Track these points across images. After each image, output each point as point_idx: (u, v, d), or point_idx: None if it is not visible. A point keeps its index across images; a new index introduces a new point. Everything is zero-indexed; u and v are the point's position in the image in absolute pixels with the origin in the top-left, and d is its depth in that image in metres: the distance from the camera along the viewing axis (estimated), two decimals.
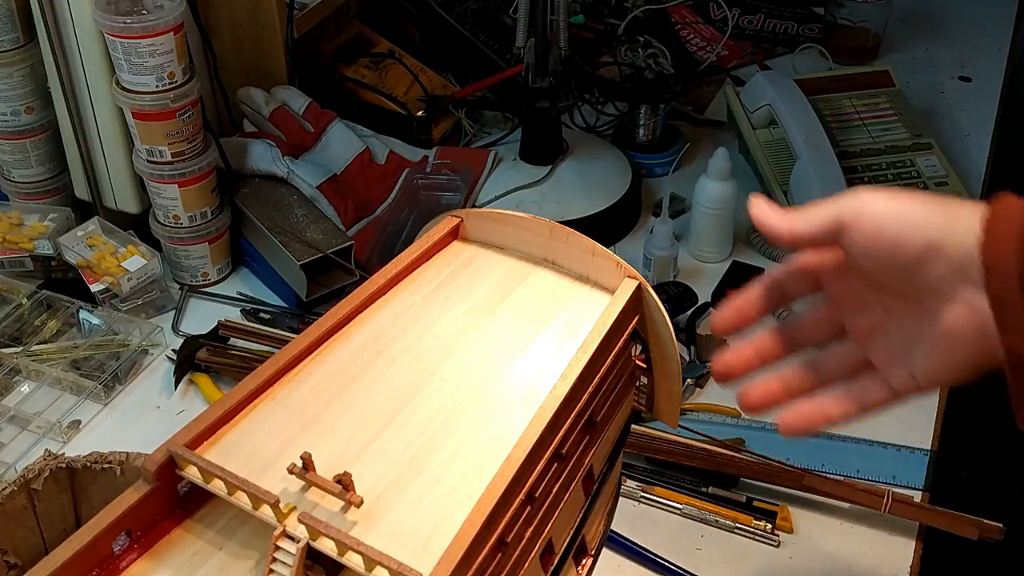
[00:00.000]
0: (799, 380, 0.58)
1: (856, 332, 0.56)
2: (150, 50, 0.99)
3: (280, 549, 0.44)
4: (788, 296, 0.58)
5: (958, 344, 0.50)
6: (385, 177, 1.24)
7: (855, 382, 0.57)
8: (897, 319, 0.54)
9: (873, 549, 0.84)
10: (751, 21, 1.63)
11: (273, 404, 0.51)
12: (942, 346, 0.51)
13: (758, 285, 0.58)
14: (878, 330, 0.55)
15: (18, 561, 0.70)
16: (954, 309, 0.49)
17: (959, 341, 0.50)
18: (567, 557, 0.56)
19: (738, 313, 0.59)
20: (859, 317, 0.56)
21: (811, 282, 0.57)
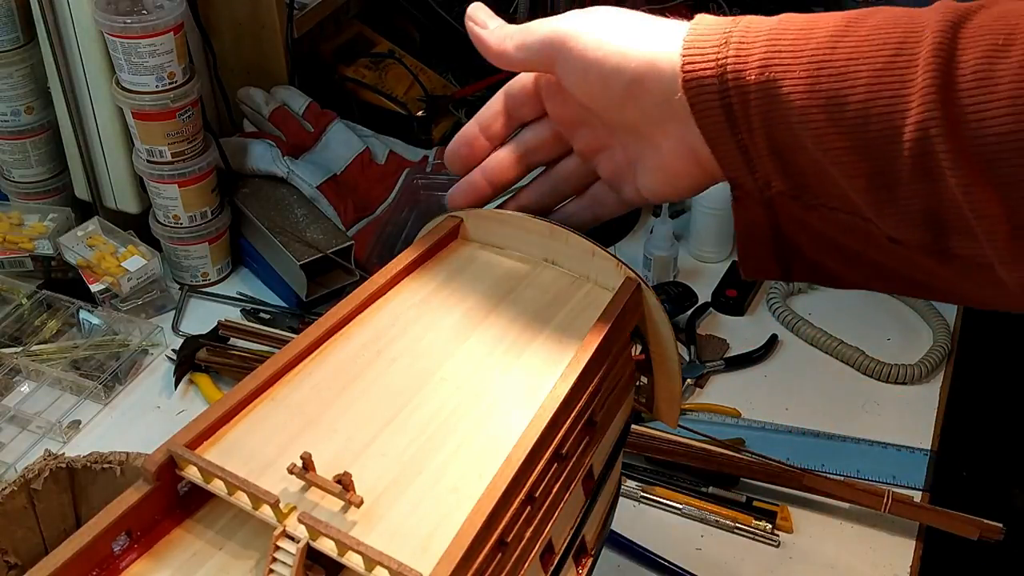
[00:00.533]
0: (535, 198, 0.59)
1: (582, 151, 0.57)
2: (150, 50, 1.00)
3: (280, 549, 0.44)
4: (515, 120, 0.58)
5: (676, 173, 0.51)
6: (385, 177, 1.24)
7: (589, 193, 0.59)
8: (620, 140, 0.54)
9: (873, 549, 0.84)
10: None
11: (273, 404, 0.51)
12: (662, 173, 0.52)
13: (483, 114, 0.58)
14: (602, 149, 0.55)
15: (18, 561, 0.70)
16: (667, 143, 0.50)
17: (678, 171, 0.51)
18: (567, 557, 0.56)
19: (467, 146, 0.59)
20: (583, 137, 0.56)
21: (536, 104, 0.57)
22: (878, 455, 0.92)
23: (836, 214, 0.46)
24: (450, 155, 0.60)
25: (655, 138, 0.50)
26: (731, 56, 0.45)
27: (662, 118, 0.49)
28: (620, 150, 0.54)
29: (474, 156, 0.59)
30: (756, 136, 0.45)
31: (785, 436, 0.95)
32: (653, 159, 0.52)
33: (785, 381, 1.02)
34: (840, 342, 1.04)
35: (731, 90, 0.45)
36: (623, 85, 0.49)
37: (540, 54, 0.52)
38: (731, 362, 1.03)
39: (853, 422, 0.96)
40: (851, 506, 0.87)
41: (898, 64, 0.41)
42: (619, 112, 0.51)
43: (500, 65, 0.55)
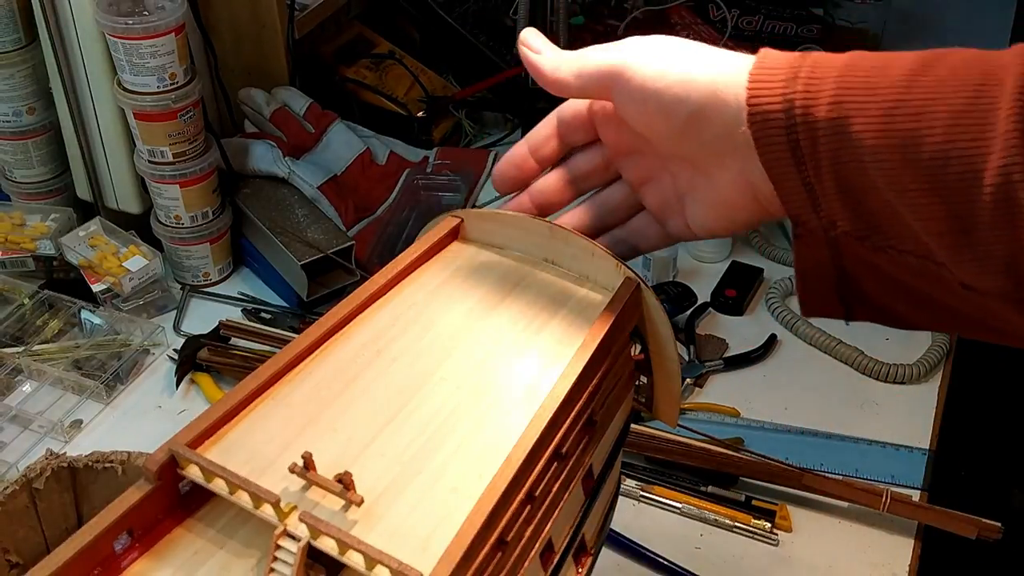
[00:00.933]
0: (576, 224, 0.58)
1: (631, 179, 0.56)
2: (151, 51, 1.00)
3: (281, 548, 0.44)
4: (567, 144, 0.57)
5: (732, 207, 0.50)
6: (386, 177, 1.24)
7: (629, 225, 0.57)
8: (672, 171, 0.53)
9: (872, 548, 0.84)
10: (750, 22, 1.63)
11: (274, 404, 0.51)
12: (716, 207, 0.51)
13: (533, 136, 0.57)
14: (652, 180, 0.55)
15: (20, 560, 0.70)
16: (725, 176, 0.49)
17: (733, 205, 0.50)
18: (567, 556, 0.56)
19: (516, 168, 0.57)
20: (634, 165, 0.55)
21: (588, 130, 0.56)
22: (877, 454, 0.92)
23: (906, 257, 0.44)
24: (498, 175, 0.58)
25: (711, 171, 0.50)
26: (800, 91, 0.44)
27: (721, 151, 0.48)
28: (670, 182, 0.54)
29: (522, 178, 0.58)
30: (823, 174, 0.44)
31: (784, 435, 0.95)
32: (707, 193, 0.51)
33: (784, 381, 1.02)
34: (839, 342, 1.04)
35: (799, 126, 0.44)
36: (684, 116, 0.48)
37: (598, 82, 0.51)
38: (730, 362, 1.03)
39: (852, 422, 0.96)
40: (850, 505, 0.87)
41: (979, 106, 0.40)
42: (677, 143, 0.50)
43: (555, 92, 0.54)
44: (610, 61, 0.50)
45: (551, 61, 0.53)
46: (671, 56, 0.49)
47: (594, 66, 0.51)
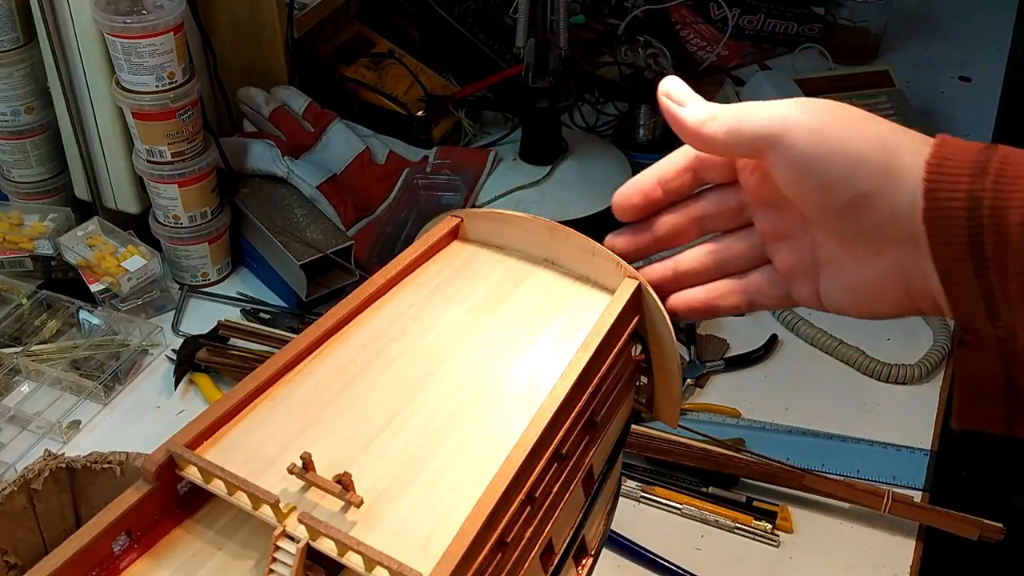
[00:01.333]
0: (695, 265, 0.55)
1: (764, 232, 0.52)
2: (150, 50, 0.99)
3: (280, 549, 0.44)
4: (701, 181, 0.53)
5: (877, 296, 0.47)
6: (385, 177, 1.24)
7: (750, 277, 0.53)
8: (814, 238, 0.49)
9: (873, 549, 0.84)
10: (751, 21, 1.63)
11: (273, 404, 0.51)
12: (858, 291, 0.47)
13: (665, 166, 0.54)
14: (789, 239, 0.51)
15: (18, 561, 0.70)
16: (879, 264, 0.46)
17: (879, 295, 0.47)
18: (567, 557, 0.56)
19: (643, 196, 0.54)
20: (771, 219, 0.51)
21: (728, 171, 0.52)
22: (878, 455, 0.92)
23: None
24: (621, 201, 0.55)
25: (863, 254, 0.46)
26: (989, 188, 0.40)
27: (881, 238, 0.45)
28: (810, 248, 0.50)
29: (647, 207, 0.54)
30: (1011, 282, 0.40)
31: (785, 436, 0.95)
32: (852, 274, 0.47)
33: (785, 381, 1.02)
34: (840, 342, 1.04)
35: (985, 227, 0.40)
36: (847, 197, 0.44)
37: (752, 144, 0.47)
38: (731, 362, 1.03)
39: (853, 422, 0.96)
40: (851, 506, 0.87)
41: None
42: (832, 221, 0.46)
43: (699, 147, 0.50)
44: (770, 123, 0.46)
45: (696, 114, 0.49)
46: (841, 128, 0.45)
47: (751, 127, 0.47)
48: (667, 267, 0.55)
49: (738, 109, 0.48)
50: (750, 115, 0.47)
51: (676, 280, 0.55)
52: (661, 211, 0.55)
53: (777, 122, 0.46)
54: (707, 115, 0.49)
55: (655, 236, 0.55)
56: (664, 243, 0.55)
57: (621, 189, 0.55)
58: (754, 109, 0.47)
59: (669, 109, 0.50)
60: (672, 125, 0.50)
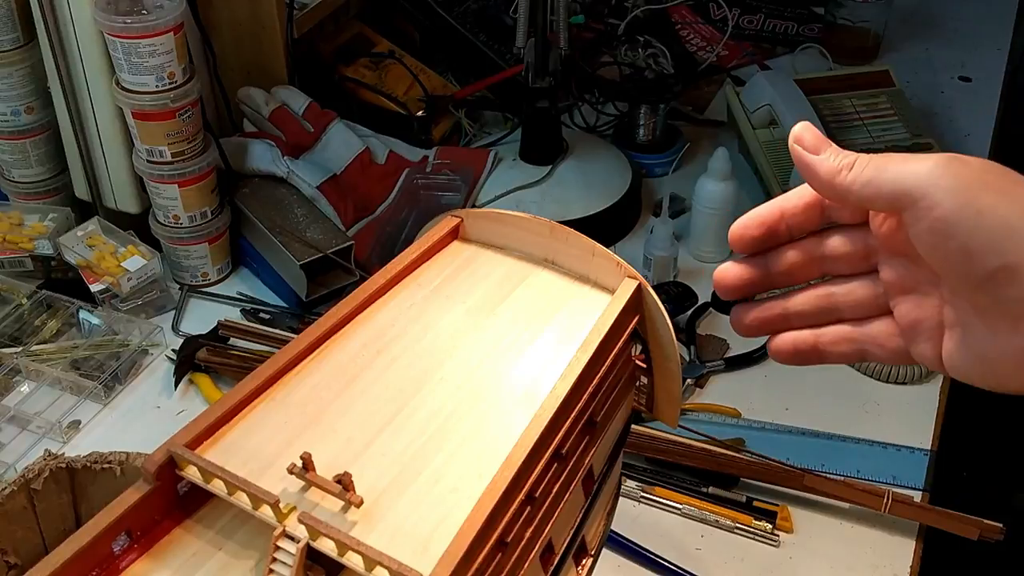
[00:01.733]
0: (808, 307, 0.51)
1: (890, 282, 0.48)
2: (150, 50, 0.99)
3: (280, 549, 0.44)
4: (828, 220, 0.50)
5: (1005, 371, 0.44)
6: (385, 177, 1.24)
7: (867, 327, 0.49)
8: (945, 298, 0.46)
9: (873, 549, 0.84)
10: (751, 21, 1.63)
11: (273, 404, 0.51)
12: (987, 363, 0.44)
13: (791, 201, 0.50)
14: (917, 292, 0.47)
15: (18, 561, 0.70)
16: (1015, 340, 0.42)
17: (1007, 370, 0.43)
18: (567, 557, 0.56)
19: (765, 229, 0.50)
20: (900, 270, 0.48)
21: (858, 212, 0.49)
22: (878, 455, 0.92)
23: None
24: (739, 231, 0.50)
25: (1001, 327, 0.43)
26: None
27: (1019, 315, 0.41)
28: (937, 307, 0.46)
29: (766, 240, 0.50)
30: None
31: (785, 436, 0.95)
32: (981, 343, 0.44)
33: (785, 381, 1.02)
34: None
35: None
36: (990, 268, 0.41)
37: (890, 200, 0.44)
38: (731, 362, 1.03)
39: (853, 422, 0.96)
40: (851, 506, 0.87)
41: None
42: (970, 289, 0.43)
43: (831, 199, 0.47)
44: (912, 180, 0.43)
45: (830, 165, 0.46)
46: (989, 193, 0.41)
47: (891, 182, 0.43)
48: (777, 304, 0.51)
49: (877, 161, 0.45)
50: (889, 168, 0.44)
51: (785, 319, 0.51)
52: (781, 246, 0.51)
53: (920, 179, 0.43)
54: (842, 164, 0.46)
55: (770, 271, 0.51)
56: (779, 280, 0.51)
57: (741, 219, 0.50)
58: (894, 162, 0.44)
59: (802, 158, 0.47)
60: (803, 173, 0.47)
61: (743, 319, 0.51)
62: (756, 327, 0.51)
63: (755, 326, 0.51)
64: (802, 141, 0.47)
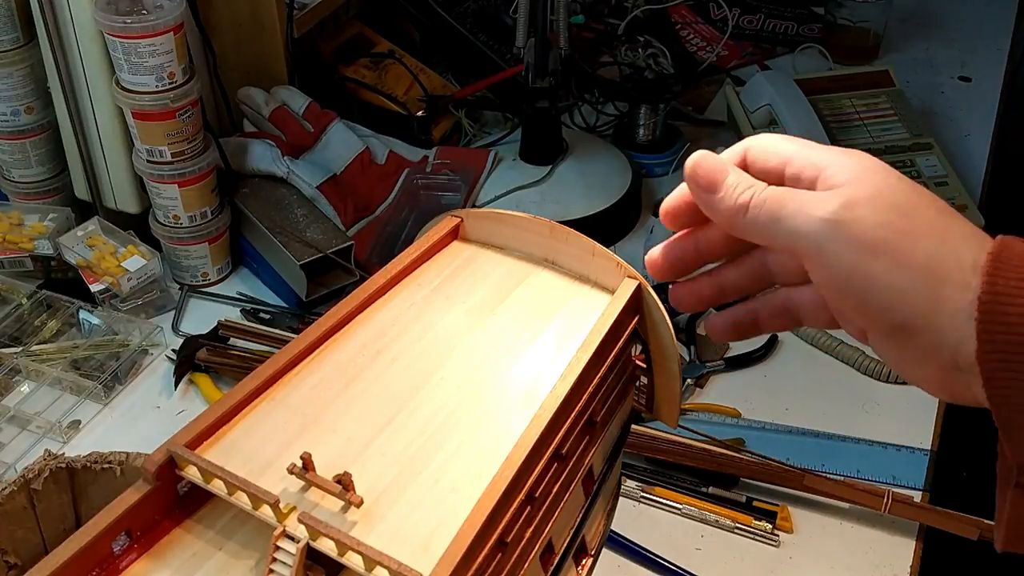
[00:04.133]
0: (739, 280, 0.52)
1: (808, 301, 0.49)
2: (150, 50, 0.99)
3: (280, 549, 0.44)
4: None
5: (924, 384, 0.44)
6: (385, 177, 1.24)
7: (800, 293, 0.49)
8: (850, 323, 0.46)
9: (873, 549, 0.84)
10: (751, 21, 1.63)
11: (273, 404, 0.51)
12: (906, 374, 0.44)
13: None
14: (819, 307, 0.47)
15: (18, 561, 0.70)
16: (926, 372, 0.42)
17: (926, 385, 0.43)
18: (567, 557, 0.56)
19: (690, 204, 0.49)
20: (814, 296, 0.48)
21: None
22: (878, 455, 0.92)
23: None
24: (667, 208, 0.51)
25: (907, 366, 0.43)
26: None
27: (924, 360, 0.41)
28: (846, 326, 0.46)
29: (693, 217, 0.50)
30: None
31: (785, 436, 0.95)
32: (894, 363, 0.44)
33: (785, 381, 1.02)
34: (840, 342, 1.04)
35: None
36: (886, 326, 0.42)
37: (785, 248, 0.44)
38: (731, 362, 1.03)
39: (853, 422, 0.96)
40: (851, 506, 0.87)
41: None
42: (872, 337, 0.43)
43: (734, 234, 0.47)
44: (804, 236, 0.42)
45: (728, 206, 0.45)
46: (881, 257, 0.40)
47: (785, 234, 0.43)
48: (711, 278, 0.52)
49: (771, 205, 0.44)
50: (783, 219, 0.43)
51: (721, 291, 0.52)
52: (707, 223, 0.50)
53: (812, 238, 0.42)
54: (738, 205, 0.45)
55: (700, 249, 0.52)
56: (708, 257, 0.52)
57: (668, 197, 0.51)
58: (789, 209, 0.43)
59: (699, 198, 0.47)
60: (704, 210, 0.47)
61: (679, 296, 0.53)
62: (693, 302, 0.53)
63: (692, 301, 0.53)
64: (696, 179, 0.46)
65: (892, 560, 0.83)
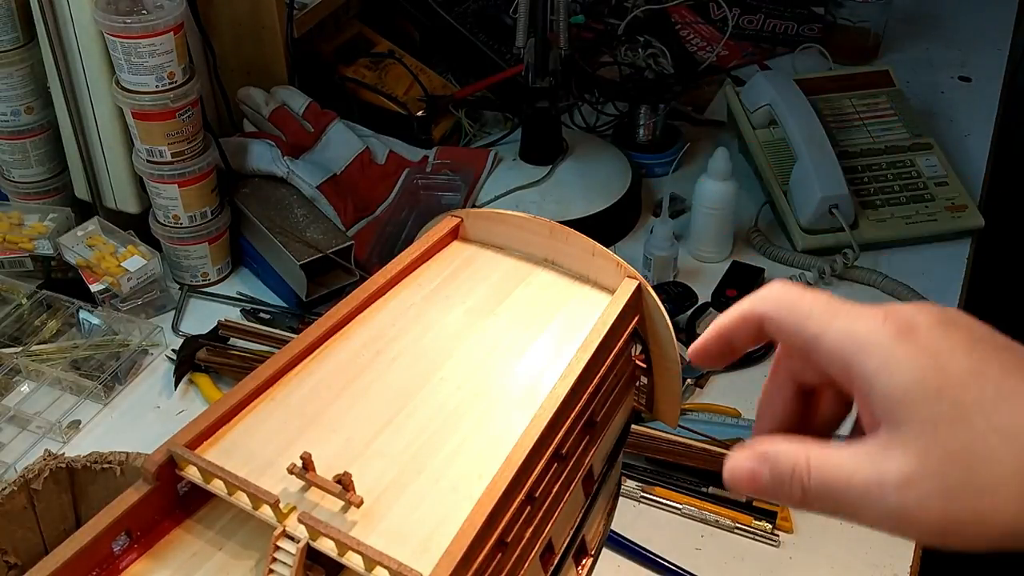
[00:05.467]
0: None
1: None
2: (150, 50, 0.99)
3: (280, 549, 0.44)
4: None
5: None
6: (385, 177, 1.24)
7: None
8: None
9: (873, 549, 0.84)
10: (751, 21, 1.63)
11: (273, 404, 0.51)
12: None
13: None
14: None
15: (18, 561, 0.70)
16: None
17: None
18: (567, 557, 0.56)
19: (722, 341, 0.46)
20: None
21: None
22: None
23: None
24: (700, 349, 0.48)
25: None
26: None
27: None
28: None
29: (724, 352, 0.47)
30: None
31: None
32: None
33: None
34: None
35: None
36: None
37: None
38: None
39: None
40: None
41: None
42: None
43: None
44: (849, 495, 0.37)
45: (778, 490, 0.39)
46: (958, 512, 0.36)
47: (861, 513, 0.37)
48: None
49: (829, 484, 0.37)
50: (851, 501, 0.37)
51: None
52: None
53: (890, 518, 0.36)
54: (796, 499, 0.39)
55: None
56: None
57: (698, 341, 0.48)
58: (854, 490, 0.37)
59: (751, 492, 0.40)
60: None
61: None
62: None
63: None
64: (737, 487, 0.40)
65: (892, 560, 0.83)
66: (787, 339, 0.41)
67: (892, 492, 0.35)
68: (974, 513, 0.35)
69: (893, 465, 0.35)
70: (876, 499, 0.36)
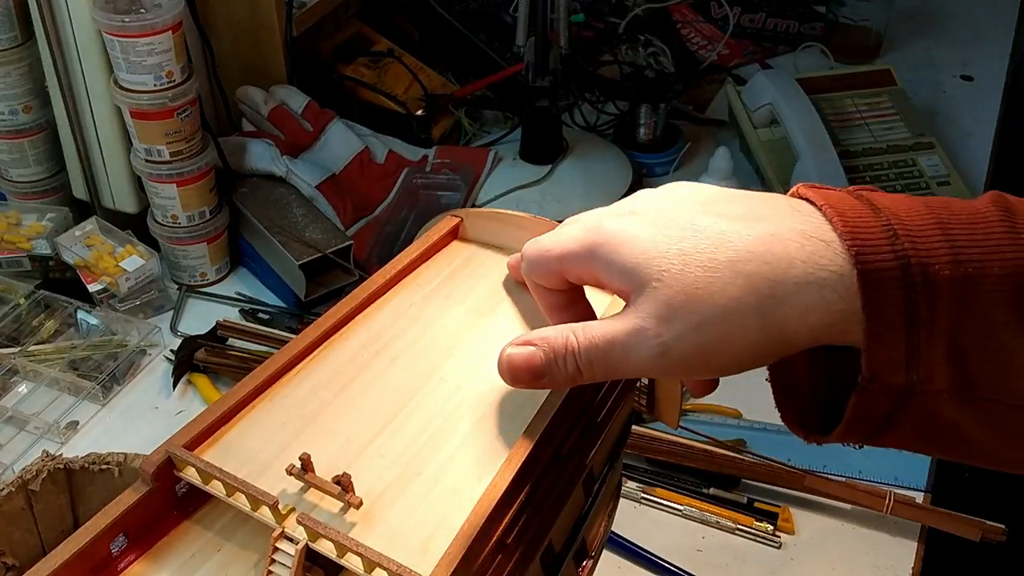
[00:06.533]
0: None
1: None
2: (148, 49, 0.99)
3: (279, 550, 0.44)
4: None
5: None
6: (384, 177, 1.24)
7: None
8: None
9: (875, 551, 0.84)
10: (752, 20, 1.63)
11: (272, 405, 0.51)
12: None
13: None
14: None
15: (16, 562, 0.70)
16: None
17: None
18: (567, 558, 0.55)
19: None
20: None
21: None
22: (880, 456, 0.92)
23: (998, 406, 0.41)
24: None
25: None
26: (910, 249, 0.39)
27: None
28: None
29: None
30: (937, 337, 0.40)
31: (786, 437, 0.93)
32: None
33: None
34: None
35: (919, 288, 0.39)
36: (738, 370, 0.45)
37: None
38: None
39: None
40: (853, 507, 0.86)
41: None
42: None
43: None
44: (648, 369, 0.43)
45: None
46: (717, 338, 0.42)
47: (633, 370, 0.44)
48: None
49: (600, 352, 0.44)
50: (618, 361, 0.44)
51: None
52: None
53: (654, 363, 0.43)
54: (574, 376, 0.45)
55: None
56: None
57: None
58: (616, 351, 0.43)
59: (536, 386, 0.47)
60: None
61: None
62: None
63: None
64: (518, 381, 0.46)
65: (894, 561, 0.83)
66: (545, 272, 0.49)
67: (651, 337, 0.42)
68: (722, 337, 0.41)
69: (646, 314, 0.42)
70: (639, 345, 0.42)
